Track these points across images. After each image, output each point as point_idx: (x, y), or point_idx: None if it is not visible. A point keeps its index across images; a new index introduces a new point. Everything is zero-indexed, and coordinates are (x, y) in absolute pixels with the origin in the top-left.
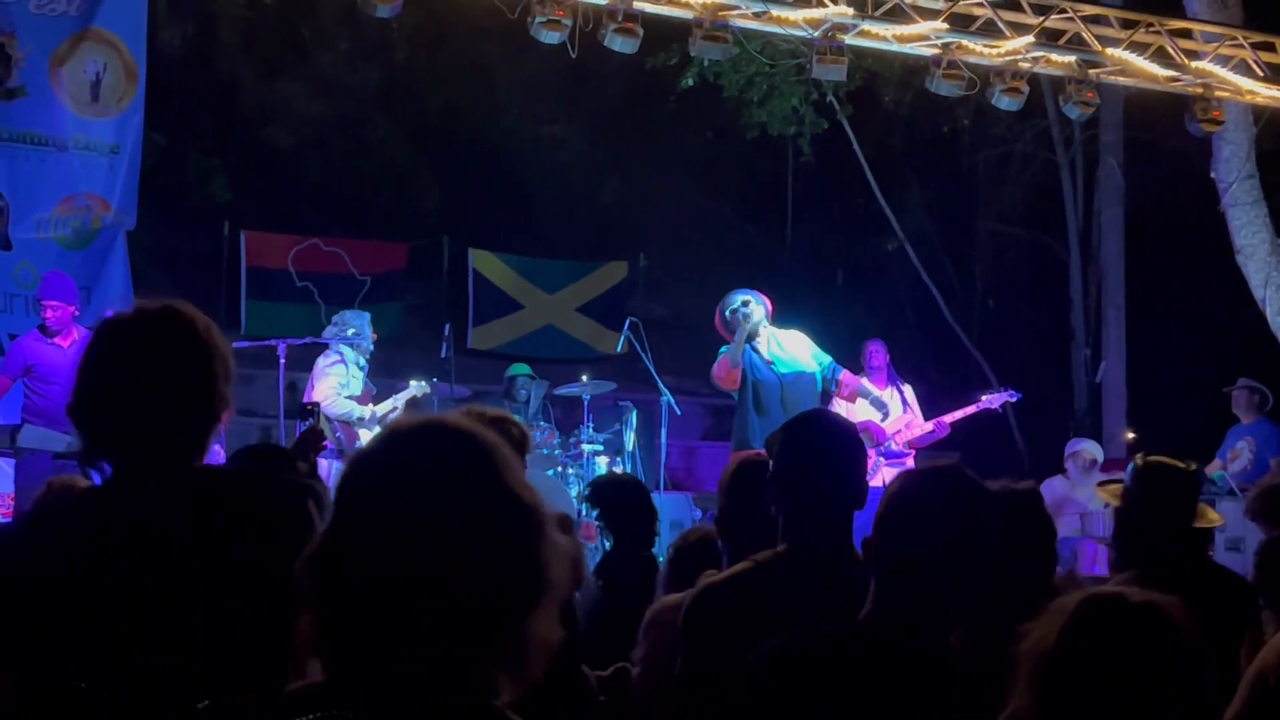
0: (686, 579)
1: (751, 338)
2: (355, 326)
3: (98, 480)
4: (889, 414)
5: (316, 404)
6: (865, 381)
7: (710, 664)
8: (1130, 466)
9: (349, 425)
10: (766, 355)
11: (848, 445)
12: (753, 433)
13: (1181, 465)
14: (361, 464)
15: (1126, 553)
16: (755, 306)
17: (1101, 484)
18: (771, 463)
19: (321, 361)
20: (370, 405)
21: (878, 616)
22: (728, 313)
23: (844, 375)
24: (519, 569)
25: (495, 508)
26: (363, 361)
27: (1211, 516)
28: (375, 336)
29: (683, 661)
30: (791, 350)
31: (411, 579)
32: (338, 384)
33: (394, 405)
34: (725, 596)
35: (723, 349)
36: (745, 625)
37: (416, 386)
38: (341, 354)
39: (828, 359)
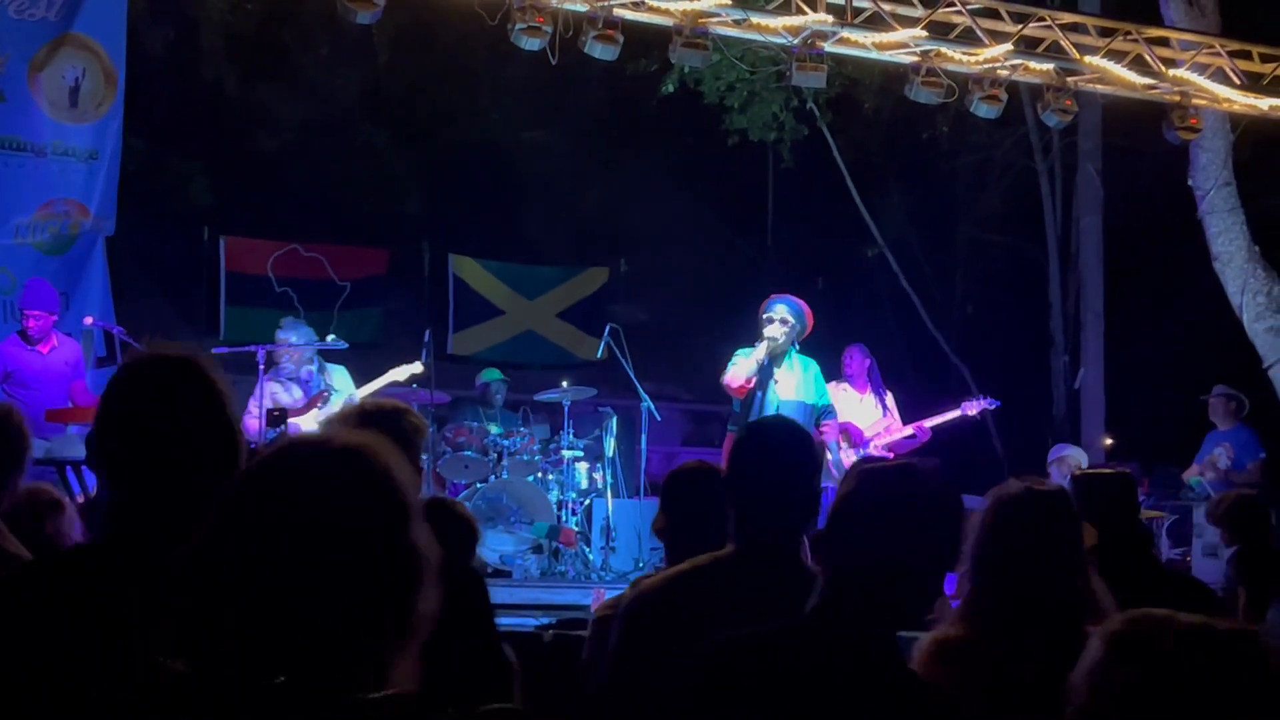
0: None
1: (773, 355)
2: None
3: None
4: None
5: (284, 410)
6: (836, 445)
7: (642, 667)
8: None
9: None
10: (776, 375)
11: (800, 451)
12: None
13: (1111, 471)
14: (260, 478)
15: None
16: (785, 328)
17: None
18: (729, 461)
19: None
20: (316, 410)
21: (824, 611)
22: (763, 315)
23: (827, 425)
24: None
25: (387, 561)
26: (293, 369)
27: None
28: (287, 340)
29: (613, 663)
30: (801, 379)
31: (277, 587)
32: (252, 406)
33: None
34: (662, 599)
35: (738, 354)
36: (681, 628)
37: (398, 370)
38: (274, 373)
39: (827, 401)
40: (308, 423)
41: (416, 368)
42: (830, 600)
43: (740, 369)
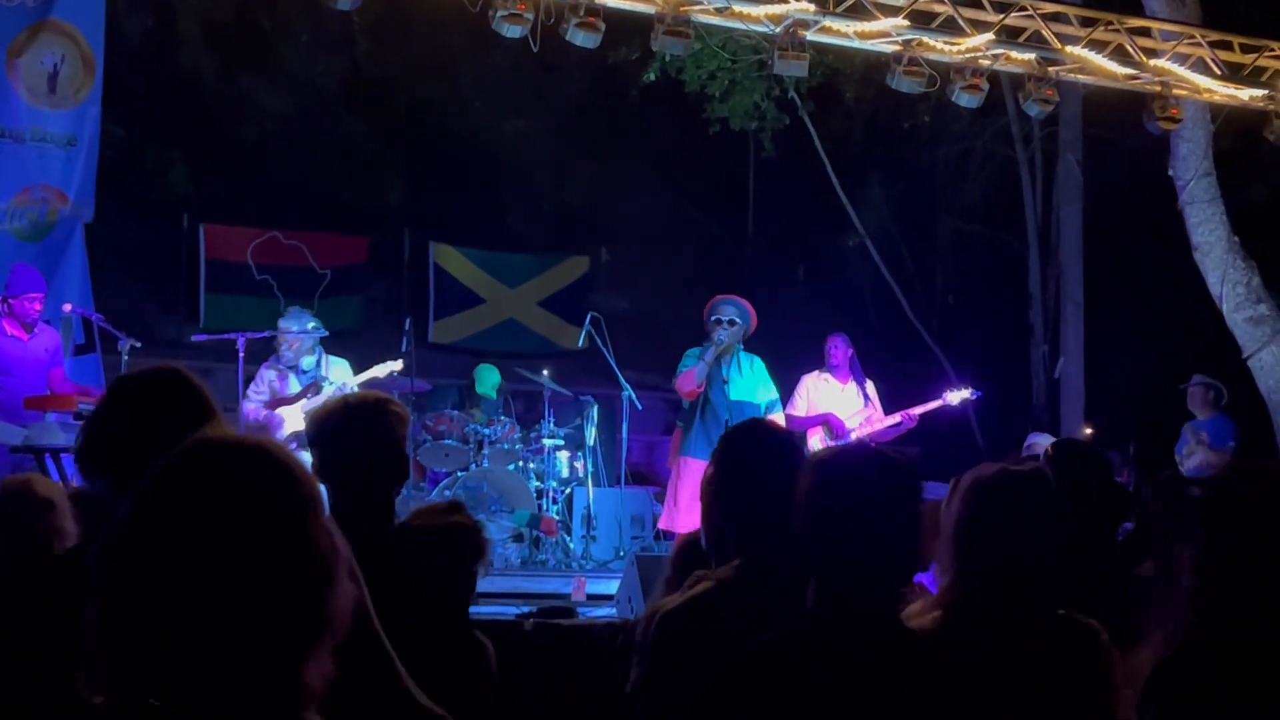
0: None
1: (720, 355)
2: (291, 316)
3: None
4: None
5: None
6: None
7: (674, 688)
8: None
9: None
10: (724, 374)
11: (788, 452)
12: (692, 444)
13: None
14: (176, 472)
15: None
16: (732, 329)
17: None
18: (715, 476)
19: None
20: (307, 400)
21: (824, 610)
22: (711, 318)
23: (772, 420)
24: (302, 614)
25: (295, 557)
26: (291, 358)
27: None
28: (289, 329)
29: (641, 685)
30: (749, 377)
31: (186, 586)
32: (251, 391)
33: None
34: (686, 619)
35: (688, 356)
36: (708, 646)
37: (380, 367)
38: (273, 360)
39: (774, 396)
40: (295, 413)
41: (397, 365)
42: (830, 593)
43: (692, 373)
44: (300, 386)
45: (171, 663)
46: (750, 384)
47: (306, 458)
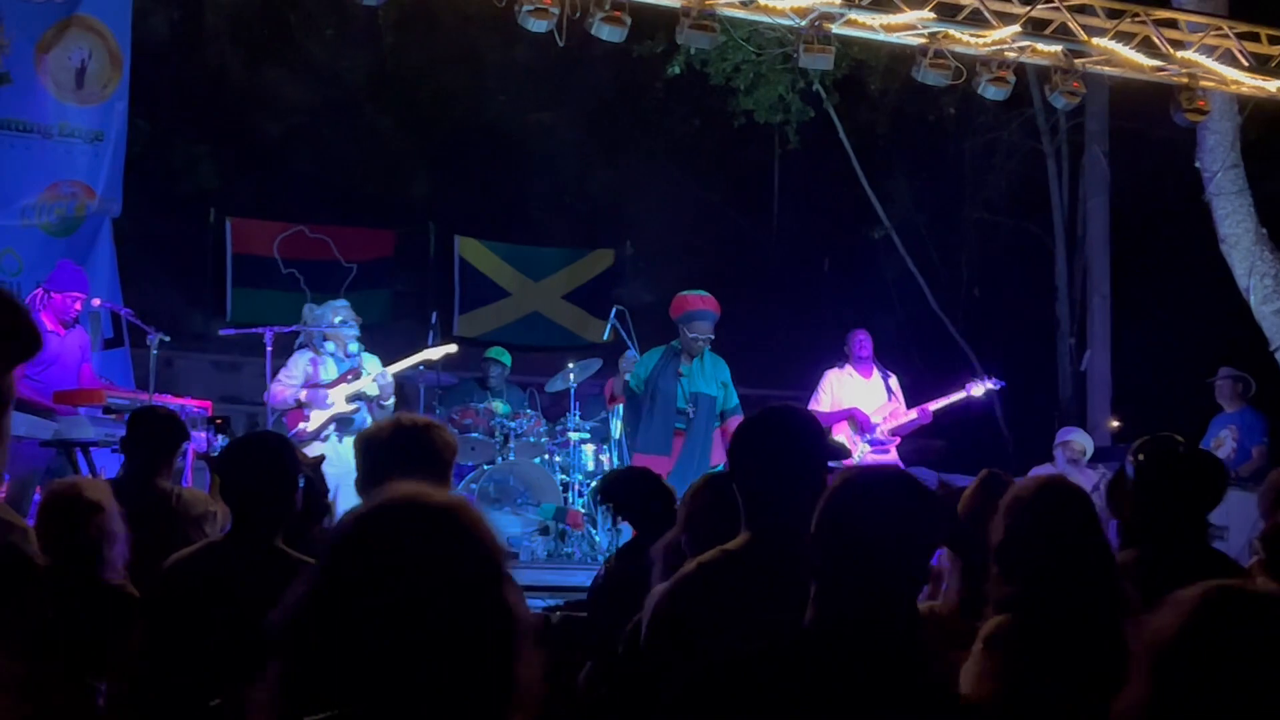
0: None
1: (690, 356)
2: (309, 318)
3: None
4: None
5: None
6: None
7: (675, 657)
8: (1141, 448)
9: (295, 410)
10: (681, 369)
11: (811, 437)
12: (643, 437)
13: (1194, 450)
14: (362, 538)
15: (1135, 532)
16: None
17: None
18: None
19: None
20: (347, 384)
21: (825, 623)
22: (691, 334)
23: (730, 422)
24: (495, 681)
25: (487, 622)
26: (330, 346)
27: None
28: (336, 319)
29: (648, 658)
30: (710, 371)
31: (384, 648)
32: (282, 375)
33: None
34: (696, 585)
35: (642, 365)
36: (713, 617)
37: (432, 350)
38: (306, 348)
39: (735, 400)
40: (337, 395)
41: (452, 348)
42: (827, 608)
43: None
44: (339, 371)
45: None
46: (710, 377)
47: (337, 445)
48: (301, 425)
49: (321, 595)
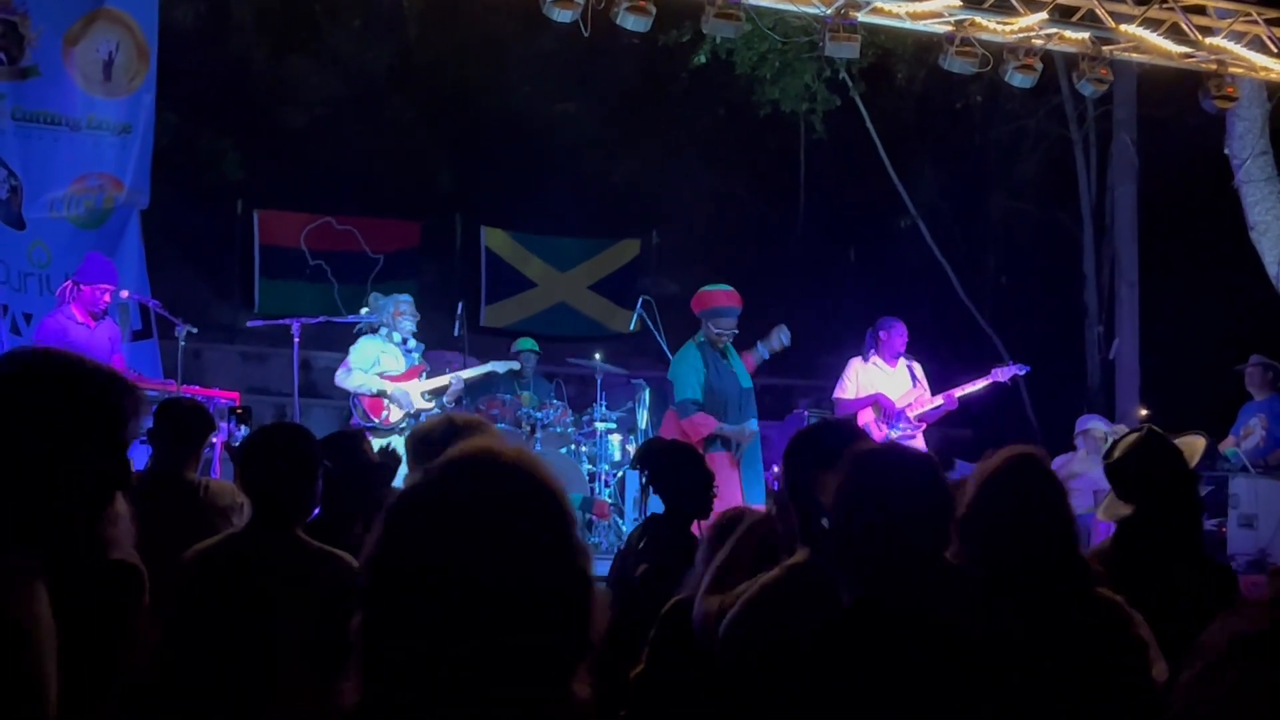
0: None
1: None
2: (373, 307)
3: None
4: None
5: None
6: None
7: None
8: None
9: (375, 398)
10: (733, 367)
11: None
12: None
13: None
14: (422, 497)
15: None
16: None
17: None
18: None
19: None
20: (417, 381)
21: (859, 603)
22: (716, 330)
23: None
24: (567, 632)
25: (558, 571)
26: (397, 337)
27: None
28: (398, 313)
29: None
30: (738, 365)
31: (462, 599)
32: (350, 361)
33: (449, 381)
34: (762, 604)
35: (685, 381)
36: (778, 628)
37: (497, 364)
38: (372, 334)
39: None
40: (417, 395)
41: (515, 365)
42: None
43: (705, 420)
44: (405, 362)
45: (439, 674)
46: (741, 369)
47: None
48: (384, 414)
49: (397, 547)
